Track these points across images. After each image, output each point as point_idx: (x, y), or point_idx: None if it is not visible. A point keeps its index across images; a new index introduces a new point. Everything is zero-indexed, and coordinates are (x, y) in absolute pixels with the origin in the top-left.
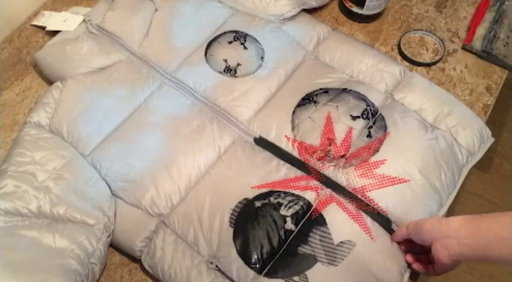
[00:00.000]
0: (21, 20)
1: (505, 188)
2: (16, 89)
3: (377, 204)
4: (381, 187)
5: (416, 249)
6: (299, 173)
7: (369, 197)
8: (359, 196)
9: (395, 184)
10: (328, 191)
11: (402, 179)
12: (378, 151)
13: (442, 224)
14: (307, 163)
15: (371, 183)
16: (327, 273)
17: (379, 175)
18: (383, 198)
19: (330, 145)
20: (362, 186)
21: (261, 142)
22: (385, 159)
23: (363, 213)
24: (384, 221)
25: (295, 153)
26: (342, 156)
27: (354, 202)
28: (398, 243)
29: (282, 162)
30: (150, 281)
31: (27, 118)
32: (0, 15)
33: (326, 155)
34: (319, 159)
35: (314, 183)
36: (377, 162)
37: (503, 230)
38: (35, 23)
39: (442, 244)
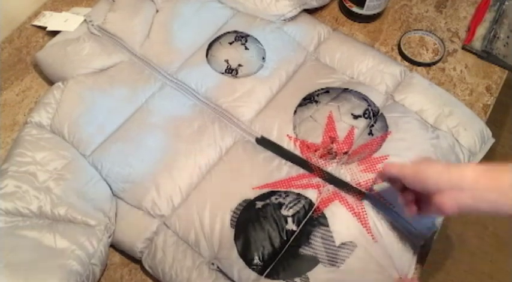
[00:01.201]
0: (21, 20)
1: None
2: (16, 89)
3: (383, 198)
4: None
5: (398, 187)
6: (301, 171)
7: (374, 190)
8: (363, 191)
9: None
10: (331, 187)
11: None
12: (380, 148)
13: (453, 173)
14: (309, 161)
15: (375, 177)
16: (328, 274)
17: None
18: (388, 192)
19: (332, 143)
20: (366, 181)
21: (263, 142)
22: (388, 155)
23: (366, 211)
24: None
25: (297, 152)
26: (345, 153)
27: (357, 196)
28: (381, 179)
29: (283, 161)
30: (150, 281)
31: (28, 118)
32: (0, 15)
33: (328, 152)
34: (321, 157)
35: (316, 180)
36: (380, 157)
37: None
38: (36, 23)
39: (451, 197)
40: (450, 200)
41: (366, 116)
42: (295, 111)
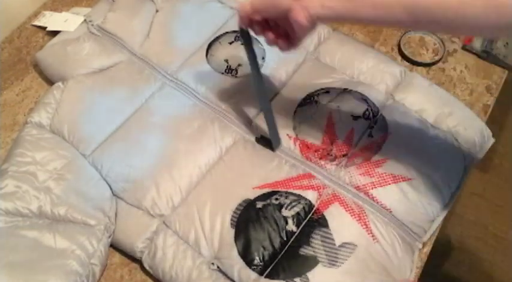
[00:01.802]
0: (21, 20)
1: (505, 188)
2: (16, 89)
3: (380, 202)
4: (383, 185)
5: (261, 29)
6: (301, 171)
7: (371, 194)
8: (362, 195)
9: (397, 182)
10: (330, 189)
11: (404, 177)
12: (379, 150)
13: None
14: (309, 161)
15: (373, 182)
16: (328, 275)
17: (382, 173)
18: (386, 196)
19: (332, 144)
20: (365, 184)
21: (263, 141)
22: (387, 158)
23: (365, 213)
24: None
25: (297, 152)
26: (344, 155)
27: (357, 199)
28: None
29: (283, 160)
30: (150, 281)
31: (28, 118)
32: (0, 15)
33: (328, 153)
34: (321, 158)
35: (316, 181)
36: (379, 161)
37: None
38: (36, 23)
39: (302, 7)
40: (302, 10)
41: (366, 117)
42: (295, 111)
